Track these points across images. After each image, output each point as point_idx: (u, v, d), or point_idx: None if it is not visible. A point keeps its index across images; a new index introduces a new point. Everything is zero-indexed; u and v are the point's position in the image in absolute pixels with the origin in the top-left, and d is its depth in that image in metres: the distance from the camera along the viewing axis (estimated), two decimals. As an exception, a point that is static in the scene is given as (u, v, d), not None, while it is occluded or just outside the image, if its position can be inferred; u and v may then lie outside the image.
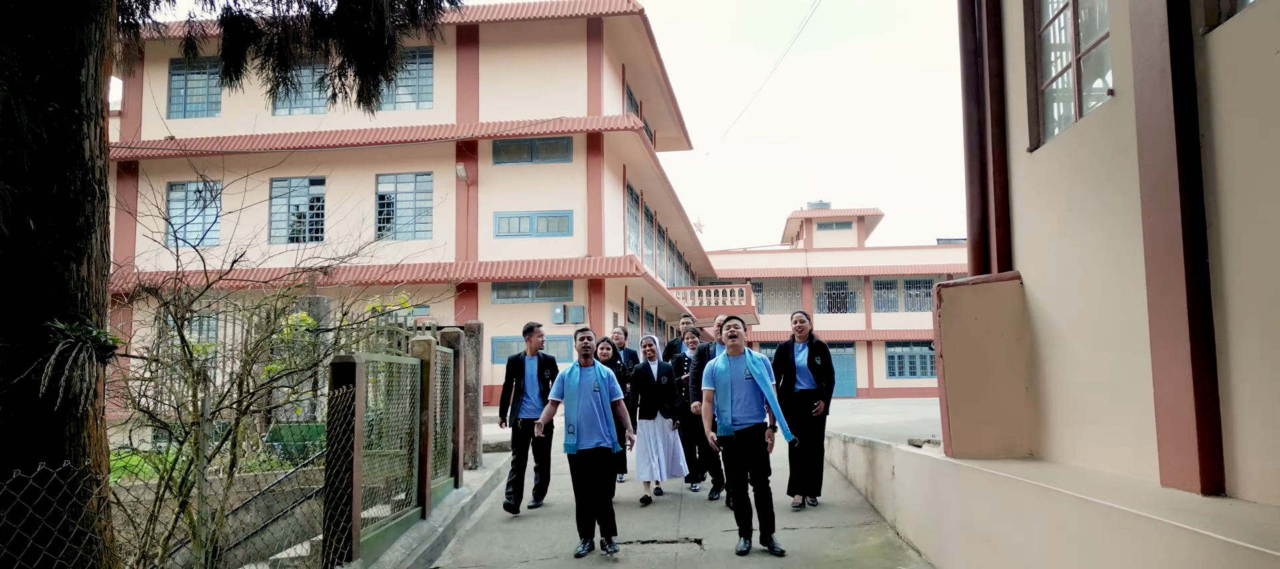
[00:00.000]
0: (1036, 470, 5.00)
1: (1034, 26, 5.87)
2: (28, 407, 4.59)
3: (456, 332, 10.10)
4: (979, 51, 6.36)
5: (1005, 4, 6.12)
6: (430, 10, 7.17)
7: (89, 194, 5.10)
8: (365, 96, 7.34)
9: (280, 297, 7.24)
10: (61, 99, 4.77)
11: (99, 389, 4.87)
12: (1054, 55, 5.75)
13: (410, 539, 7.44)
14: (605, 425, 6.99)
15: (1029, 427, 5.82)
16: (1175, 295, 3.91)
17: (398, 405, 7.92)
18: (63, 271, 4.93)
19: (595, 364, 7.17)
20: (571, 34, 22.98)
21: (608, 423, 7.01)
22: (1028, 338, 5.86)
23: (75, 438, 4.96)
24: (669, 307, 31.11)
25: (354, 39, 7.15)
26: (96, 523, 5.02)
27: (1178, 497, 3.82)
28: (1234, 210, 3.70)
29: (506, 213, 22.87)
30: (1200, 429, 3.78)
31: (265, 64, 6.95)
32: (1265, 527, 3.09)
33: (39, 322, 4.73)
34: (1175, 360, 3.93)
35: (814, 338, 8.40)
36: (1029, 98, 5.85)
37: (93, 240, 5.14)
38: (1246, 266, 3.63)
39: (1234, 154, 3.69)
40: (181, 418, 5.91)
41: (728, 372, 6.68)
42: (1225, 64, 3.72)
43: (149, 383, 6.22)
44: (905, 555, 6.72)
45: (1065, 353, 5.34)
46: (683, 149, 35.26)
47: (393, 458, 7.98)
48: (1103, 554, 3.75)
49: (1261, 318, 3.54)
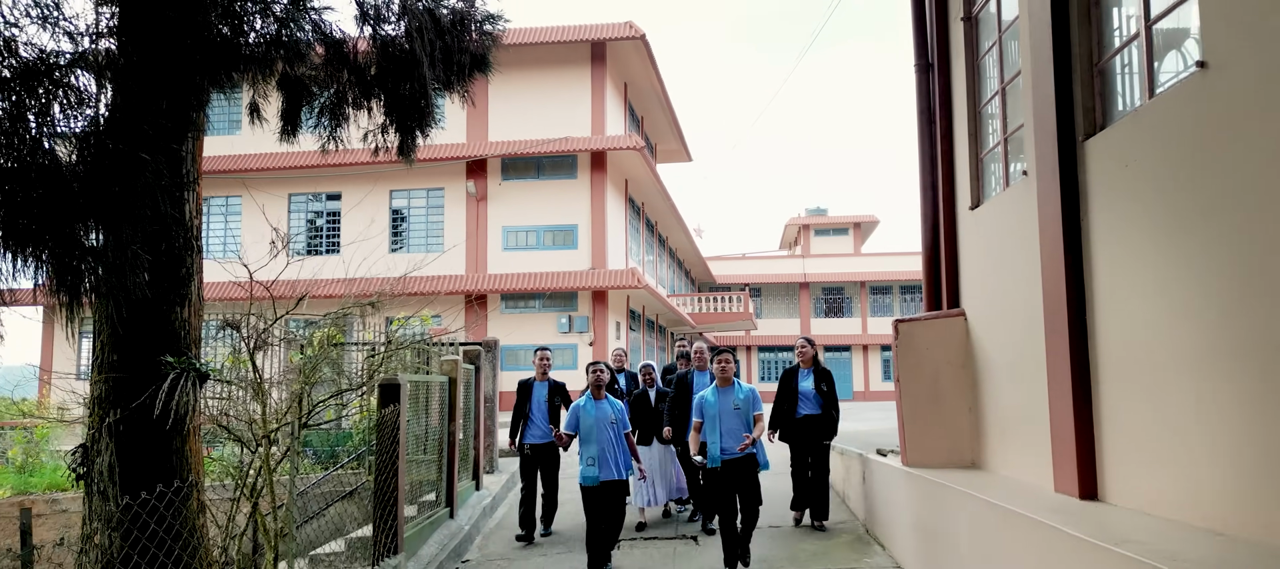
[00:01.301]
0: (966, 478, 6.09)
1: (975, 102, 6.97)
2: (143, 425, 5.70)
3: (477, 349, 11.21)
4: (932, 120, 7.45)
5: (953, 82, 7.21)
6: (461, 75, 8.24)
7: (189, 249, 6.23)
8: (405, 150, 8.42)
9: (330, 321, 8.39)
10: (170, 172, 5.82)
11: (196, 410, 5.99)
12: (992, 127, 6.83)
13: (442, 535, 8.53)
14: (623, 457, 7.11)
15: (971, 440, 6.91)
16: (1061, 342, 5.00)
17: (429, 418, 9.03)
18: (170, 314, 6.06)
19: (607, 397, 7.26)
20: (576, 57, 24.11)
21: (624, 454, 7.13)
22: (970, 366, 6.95)
23: (180, 451, 6.10)
24: (669, 314, 32.20)
25: (394, 99, 8.25)
26: (196, 520, 6.14)
27: (1061, 500, 4.91)
28: (1102, 282, 4.79)
29: (514, 227, 23.99)
30: (1078, 448, 4.87)
31: (319, 124, 8.03)
32: (1113, 526, 4.17)
33: (152, 356, 5.85)
34: (1062, 393, 5.02)
35: (818, 363, 8.55)
36: (971, 163, 6.95)
37: (192, 287, 6.27)
38: (1110, 325, 4.71)
39: (1100, 239, 4.78)
40: (253, 432, 7.01)
41: (716, 403, 6.74)
42: (1096, 168, 4.81)
43: (226, 402, 7.35)
44: (871, 549, 7.81)
45: (996, 380, 6.44)
46: (682, 161, 36.37)
47: (425, 463, 9.08)
48: (1003, 545, 4.84)
49: (1120, 364, 4.63)
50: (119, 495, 5.63)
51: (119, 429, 5.74)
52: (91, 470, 5.79)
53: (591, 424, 6.99)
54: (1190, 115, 3.98)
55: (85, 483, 5.81)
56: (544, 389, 8.75)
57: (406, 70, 8.11)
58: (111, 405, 5.78)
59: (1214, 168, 3.81)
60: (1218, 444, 3.81)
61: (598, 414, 7.04)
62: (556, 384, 8.85)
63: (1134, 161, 4.45)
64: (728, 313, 35.15)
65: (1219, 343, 3.79)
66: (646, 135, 31.88)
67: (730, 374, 6.83)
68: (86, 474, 5.77)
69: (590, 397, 7.16)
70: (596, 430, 6.98)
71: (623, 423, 7.20)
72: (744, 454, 6.62)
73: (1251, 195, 3.57)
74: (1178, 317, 4.11)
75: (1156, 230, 4.28)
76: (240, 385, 7.52)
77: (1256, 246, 3.53)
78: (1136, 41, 4.58)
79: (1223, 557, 3.43)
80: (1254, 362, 3.56)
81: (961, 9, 7.01)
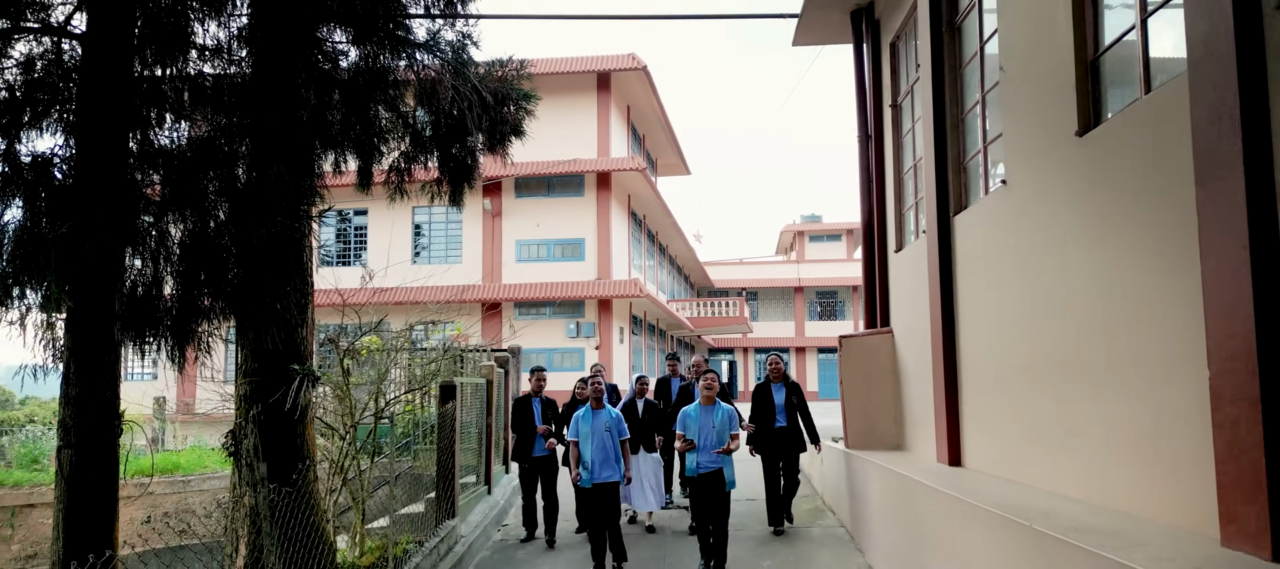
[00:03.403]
0: (887, 456, 8.20)
1: (899, 170, 9.08)
2: (275, 416, 7.79)
3: (506, 355, 13.33)
4: (870, 179, 9.57)
5: (885, 152, 9.32)
6: (501, 141, 10.36)
7: (309, 287, 8.35)
8: (454, 199, 10.54)
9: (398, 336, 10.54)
10: (301, 233, 7.87)
11: (311, 405, 8.11)
12: (910, 188, 8.93)
13: (483, 507, 10.65)
14: (616, 461, 7.62)
15: (896, 428, 9.02)
16: (939, 356, 7.11)
17: (471, 412, 11.14)
18: (294, 334, 8.17)
19: (605, 406, 7.78)
20: (584, 86, 26.27)
21: (618, 459, 7.64)
22: (895, 371, 9.06)
23: (302, 436, 8.21)
24: (669, 319, 34.32)
25: (446, 158, 10.35)
26: (312, 487, 8.26)
27: (939, 468, 7.01)
28: (961, 314, 6.90)
29: (526, 240, 26.16)
30: (949, 431, 6.98)
31: (390, 181, 10.15)
32: (961, 482, 6.25)
33: (282, 365, 7.94)
34: (940, 392, 7.13)
35: (788, 378, 9.11)
36: (896, 216, 9.07)
37: (308, 313, 8.39)
38: (966, 345, 6.83)
39: (960, 284, 6.90)
40: (343, 423, 9.13)
41: (698, 419, 7.24)
42: (960, 235, 6.93)
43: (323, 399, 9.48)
44: (824, 514, 9.92)
45: (911, 383, 8.55)
46: (681, 174, 38.54)
47: (469, 450, 11.20)
48: (896, 498, 6.94)
49: (971, 372, 6.74)
50: (262, 467, 7.73)
51: (261, 419, 7.84)
52: (240, 449, 7.89)
53: (588, 431, 7.60)
54: (1002, 211, 6.10)
55: (235, 458, 7.89)
56: (538, 405, 9.47)
57: (458, 136, 10.23)
58: (253, 401, 7.87)
59: (1011, 245, 5.93)
60: (1020, 425, 5.91)
61: (594, 422, 7.64)
62: (548, 400, 9.56)
63: (976, 234, 6.58)
64: (724, 317, 37.24)
65: (1020, 359, 5.90)
66: (648, 152, 34.04)
67: (715, 393, 7.30)
68: (236, 452, 7.86)
69: (589, 407, 7.79)
70: (593, 437, 7.57)
71: (618, 431, 7.72)
72: (714, 470, 7.13)
73: (1032, 264, 5.67)
74: (998, 340, 6.22)
75: (987, 282, 6.41)
76: (334, 387, 9.63)
77: (1037, 297, 5.64)
78: (978, 154, 6.71)
79: (1015, 500, 5.52)
80: (1038, 371, 5.67)
81: (890, 98, 9.14)
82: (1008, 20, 5.93)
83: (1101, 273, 4.61)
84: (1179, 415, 3.91)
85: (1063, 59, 4.99)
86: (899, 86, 9.04)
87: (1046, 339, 5.36)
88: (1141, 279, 4.20)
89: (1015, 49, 5.79)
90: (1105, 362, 4.58)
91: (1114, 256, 4.48)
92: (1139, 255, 4.22)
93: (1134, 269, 4.27)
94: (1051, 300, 5.26)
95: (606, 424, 7.66)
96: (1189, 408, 3.81)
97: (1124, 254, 4.37)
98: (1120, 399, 4.42)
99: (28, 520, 14.71)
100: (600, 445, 7.59)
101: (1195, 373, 3.71)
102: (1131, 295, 4.30)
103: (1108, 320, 4.54)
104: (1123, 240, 4.38)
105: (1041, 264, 5.42)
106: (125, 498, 14.84)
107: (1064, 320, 5.08)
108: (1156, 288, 4.06)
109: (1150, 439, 4.15)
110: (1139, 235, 4.21)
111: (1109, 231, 4.52)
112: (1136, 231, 4.24)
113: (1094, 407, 4.72)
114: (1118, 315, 4.44)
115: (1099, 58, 4.78)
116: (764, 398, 8.93)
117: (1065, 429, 5.10)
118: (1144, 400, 4.20)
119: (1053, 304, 5.24)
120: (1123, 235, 4.38)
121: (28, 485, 14.79)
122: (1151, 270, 4.11)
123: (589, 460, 7.55)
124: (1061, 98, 5.01)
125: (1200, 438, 3.69)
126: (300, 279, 8.11)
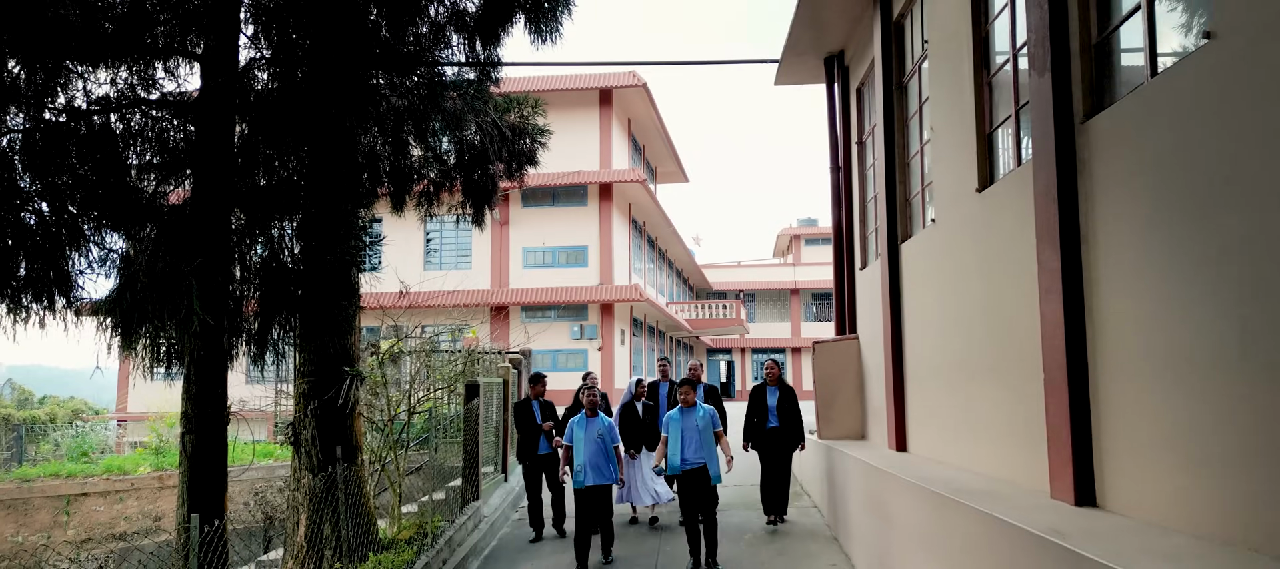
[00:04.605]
0: (849, 445, 9.61)
1: (863, 195, 10.49)
2: (329, 410, 9.16)
3: (519, 356, 14.76)
4: (839, 205, 10.98)
5: (853, 183, 10.73)
6: (519, 169, 11.79)
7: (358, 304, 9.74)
8: (477, 219, 11.97)
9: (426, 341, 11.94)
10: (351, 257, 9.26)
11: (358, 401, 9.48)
12: (872, 213, 10.32)
13: (501, 492, 12.07)
14: (608, 466, 8.10)
15: (859, 422, 10.43)
16: (890, 359, 8.52)
17: (491, 409, 12.55)
18: (344, 341, 9.55)
19: (599, 415, 8.21)
20: (587, 101, 27.71)
21: (610, 463, 8.12)
22: (860, 373, 10.46)
23: (351, 427, 9.57)
24: (669, 321, 35.75)
25: (469, 184, 11.76)
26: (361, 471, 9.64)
27: (888, 453, 8.42)
28: (907, 322, 8.31)
29: (533, 247, 27.60)
30: (897, 423, 8.39)
31: (420, 204, 11.57)
32: (909, 465, 7.64)
33: (335, 367, 9.31)
34: (891, 390, 8.53)
35: (782, 382, 9.63)
36: (861, 237, 10.48)
37: (356, 322, 9.78)
38: (909, 348, 8.24)
39: (906, 297, 8.31)
40: (382, 418, 10.54)
41: (680, 422, 7.90)
42: (906, 258, 8.34)
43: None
44: (802, 498, 11.34)
45: (871, 383, 9.95)
46: (680, 182, 39.97)
47: (487, 443, 12.62)
48: (857, 480, 8.34)
49: (913, 371, 8.14)
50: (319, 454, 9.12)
51: (317, 413, 9.24)
52: (299, 439, 9.28)
53: (582, 437, 8.08)
54: (932, 243, 7.51)
55: (295, 446, 9.27)
56: (538, 407, 10.19)
57: (480, 163, 11.64)
58: (310, 399, 9.26)
59: (937, 271, 7.34)
60: (947, 417, 7.32)
61: (587, 429, 8.12)
62: (547, 404, 10.25)
63: (916, 260, 7.99)
64: (721, 319, 38.64)
65: (944, 363, 7.30)
66: (648, 162, 35.49)
67: (692, 400, 8.01)
68: (296, 441, 9.25)
69: (584, 414, 8.23)
70: (586, 443, 8.07)
71: (610, 438, 8.20)
72: (699, 466, 7.76)
73: (949, 287, 7.07)
74: (930, 348, 7.63)
75: (923, 300, 7.82)
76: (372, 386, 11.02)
77: (954, 314, 7.03)
78: (918, 194, 8.12)
79: (933, 475, 6.91)
80: (956, 373, 7.07)
81: (857, 136, 10.55)
82: (935, 89, 7.34)
83: (990, 298, 6.03)
84: (1037, 406, 5.32)
85: (969, 129, 6.40)
86: (863, 126, 10.46)
87: (960, 347, 6.77)
88: (1014, 303, 5.61)
89: (941, 114, 7.20)
90: (994, 366, 5.99)
91: (998, 286, 5.89)
92: (1012, 286, 5.63)
93: (1010, 295, 5.68)
94: (962, 317, 6.68)
95: (598, 431, 8.11)
96: (1043, 401, 5.22)
97: (1004, 284, 5.79)
98: (1004, 394, 5.83)
99: (81, 508, 16.14)
100: (593, 451, 8.05)
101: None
102: (1008, 315, 5.71)
103: (996, 334, 5.95)
104: (1003, 274, 5.80)
105: (956, 288, 6.84)
106: (170, 487, 16.27)
107: (970, 333, 6.50)
108: (1024, 310, 5.47)
109: (1021, 424, 5.56)
110: (1013, 271, 5.62)
111: (994, 267, 5.94)
112: (1011, 268, 5.65)
113: (989, 401, 6.13)
114: (1001, 330, 5.85)
115: (992, 132, 6.20)
116: (759, 400, 9.54)
117: (972, 419, 6.51)
118: (1018, 395, 5.60)
119: (963, 320, 6.66)
120: (1003, 271, 5.80)
121: (80, 476, 16.22)
122: (1020, 297, 5.52)
123: (581, 464, 7.99)
124: (968, 159, 6.43)
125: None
126: (351, 295, 9.51)
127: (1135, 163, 4.15)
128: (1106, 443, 4.45)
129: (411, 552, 8.52)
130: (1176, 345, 3.83)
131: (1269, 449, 3.25)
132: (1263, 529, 3.30)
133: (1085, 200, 4.59)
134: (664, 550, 8.90)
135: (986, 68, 6.25)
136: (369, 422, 10.95)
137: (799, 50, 10.94)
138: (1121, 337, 4.30)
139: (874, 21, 9.05)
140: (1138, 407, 4.16)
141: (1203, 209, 3.63)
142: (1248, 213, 3.35)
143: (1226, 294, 3.49)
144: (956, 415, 6.94)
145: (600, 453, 8.08)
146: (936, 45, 7.23)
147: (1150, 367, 4.03)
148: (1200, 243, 3.65)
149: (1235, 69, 3.41)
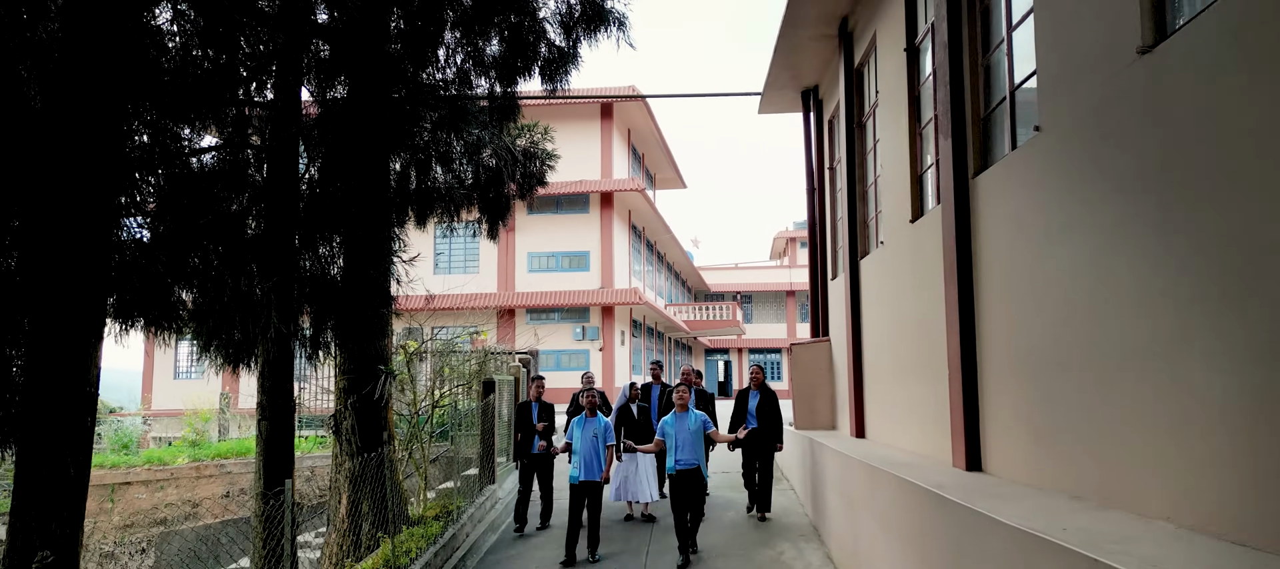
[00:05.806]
0: (821, 434, 11.01)
1: (833, 214, 11.89)
2: (366, 403, 10.54)
3: (527, 356, 16.18)
4: (813, 222, 12.38)
5: (825, 201, 12.14)
6: (530, 189, 13.21)
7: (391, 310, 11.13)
8: (492, 233, 13.39)
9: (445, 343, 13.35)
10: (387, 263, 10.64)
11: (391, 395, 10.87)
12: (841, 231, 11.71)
13: (512, 479, 13.47)
14: (599, 464, 8.59)
15: (831, 414, 11.83)
16: (851, 361, 9.92)
17: (503, 403, 13.95)
18: (378, 342, 10.94)
19: (598, 415, 8.76)
20: (588, 114, 29.15)
21: (602, 462, 8.61)
22: (831, 371, 11.86)
23: (384, 419, 10.95)
24: (667, 322, 37.15)
25: (485, 201, 13.17)
26: (394, 457, 11.02)
27: (850, 440, 9.81)
28: (865, 327, 9.71)
29: (537, 252, 29.03)
30: (857, 413, 9.78)
31: (441, 219, 12.98)
32: (861, 447, 9.03)
33: (371, 365, 10.69)
34: (852, 385, 9.93)
35: (765, 386, 10.24)
36: (832, 251, 11.88)
37: (389, 326, 11.18)
38: (867, 350, 9.64)
39: (864, 306, 9.71)
40: (408, 410, 11.95)
41: (674, 425, 8.35)
42: (865, 273, 9.73)
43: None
44: (783, 484, 12.75)
45: (840, 378, 11.35)
46: (678, 188, 41.42)
47: (500, 434, 14.01)
48: (825, 460, 9.73)
49: (870, 369, 9.54)
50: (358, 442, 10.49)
51: (356, 406, 10.60)
52: (340, 428, 10.66)
53: (580, 435, 8.66)
54: (882, 262, 8.91)
55: (336, 434, 10.64)
56: (536, 409, 10.75)
57: (495, 184, 13.04)
58: (350, 393, 10.62)
59: (885, 286, 8.74)
60: (893, 407, 8.71)
61: (584, 428, 8.71)
62: (546, 405, 10.86)
63: (871, 275, 9.40)
64: (718, 320, 40.01)
65: (890, 362, 8.69)
66: (647, 169, 36.92)
67: (685, 403, 8.44)
68: (337, 430, 10.62)
69: (584, 415, 8.88)
70: (582, 441, 8.64)
71: (604, 437, 8.70)
72: (692, 467, 8.27)
73: (891, 301, 8.46)
74: (880, 350, 9.03)
75: (877, 310, 9.22)
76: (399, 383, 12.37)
77: (895, 322, 8.42)
78: (873, 218, 9.54)
79: (876, 453, 8.30)
80: (896, 370, 8.47)
81: (829, 161, 11.96)
82: (883, 132, 8.75)
83: (920, 309, 7.44)
84: (947, 397, 6.72)
85: (905, 170, 7.80)
86: (834, 154, 11.87)
87: (901, 350, 8.17)
88: (935, 314, 7.01)
89: (886, 154, 8.61)
90: (922, 365, 7.40)
91: (925, 300, 7.30)
92: (933, 300, 7.03)
93: (932, 308, 7.08)
94: (902, 324, 8.09)
95: (594, 431, 8.69)
96: (952, 392, 6.62)
97: (928, 301, 7.19)
98: (928, 389, 7.23)
99: (125, 496, 17.54)
100: (589, 450, 8.58)
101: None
102: (931, 324, 7.12)
103: (923, 339, 7.36)
104: (928, 290, 7.20)
105: (897, 300, 8.25)
106: (207, 476, 17.68)
107: (907, 338, 7.91)
108: (941, 320, 6.87)
109: (939, 411, 6.96)
110: (931, 292, 7.03)
111: (922, 283, 7.35)
112: (933, 285, 7.05)
113: (919, 394, 7.53)
114: (927, 337, 7.25)
115: (923, 174, 7.61)
116: (742, 403, 10.19)
117: (909, 409, 7.92)
118: (937, 389, 7.00)
119: (903, 326, 8.07)
120: (927, 290, 7.20)
121: (124, 466, 17.62)
122: (939, 309, 6.92)
123: (578, 461, 8.54)
124: (904, 194, 7.83)
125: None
126: (387, 302, 10.87)
127: (1003, 212, 5.56)
128: (987, 423, 5.86)
129: (438, 526, 9.89)
130: (1027, 347, 5.24)
131: (1077, 425, 4.65)
132: (1074, 480, 4.70)
133: (975, 237, 6.00)
134: (653, 545, 9.41)
135: (918, 120, 7.65)
136: (397, 415, 12.32)
137: (778, 86, 12.35)
138: (995, 341, 5.71)
139: (839, 66, 10.46)
140: (1001, 394, 5.57)
141: (1038, 250, 5.04)
142: (1066, 253, 4.76)
143: (1052, 312, 4.90)
144: (899, 406, 8.34)
145: (594, 451, 8.60)
146: (884, 96, 8.64)
147: (1012, 363, 5.44)
148: (1040, 274, 5.05)
149: (1053, 153, 4.82)
